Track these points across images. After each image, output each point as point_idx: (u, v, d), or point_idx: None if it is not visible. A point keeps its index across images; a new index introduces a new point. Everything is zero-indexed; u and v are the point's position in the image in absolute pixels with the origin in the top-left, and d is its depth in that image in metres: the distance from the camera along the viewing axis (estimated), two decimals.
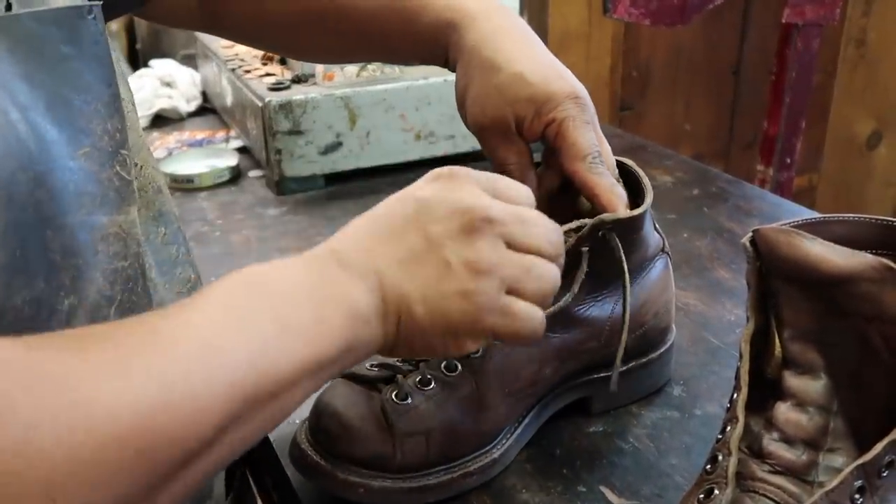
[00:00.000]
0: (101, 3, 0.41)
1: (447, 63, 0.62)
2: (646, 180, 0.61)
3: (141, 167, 0.50)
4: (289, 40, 0.71)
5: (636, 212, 0.57)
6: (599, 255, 0.57)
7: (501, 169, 0.59)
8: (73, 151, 0.40)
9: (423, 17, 0.61)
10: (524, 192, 0.49)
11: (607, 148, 0.60)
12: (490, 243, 0.45)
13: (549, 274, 0.47)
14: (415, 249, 0.44)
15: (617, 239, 0.57)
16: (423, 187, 0.47)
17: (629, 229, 0.58)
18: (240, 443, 0.37)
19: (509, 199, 0.47)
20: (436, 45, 0.61)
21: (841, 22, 1.80)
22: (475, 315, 0.45)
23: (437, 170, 0.48)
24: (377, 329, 0.42)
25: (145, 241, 0.48)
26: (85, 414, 0.30)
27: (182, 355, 0.34)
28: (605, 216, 0.56)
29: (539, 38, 0.61)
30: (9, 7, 0.41)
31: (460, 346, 0.46)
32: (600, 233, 0.56)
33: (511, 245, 0.46)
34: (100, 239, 0.42)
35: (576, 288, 0.56)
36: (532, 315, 0.47)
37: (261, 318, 0.38)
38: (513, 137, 0.59)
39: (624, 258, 0.57)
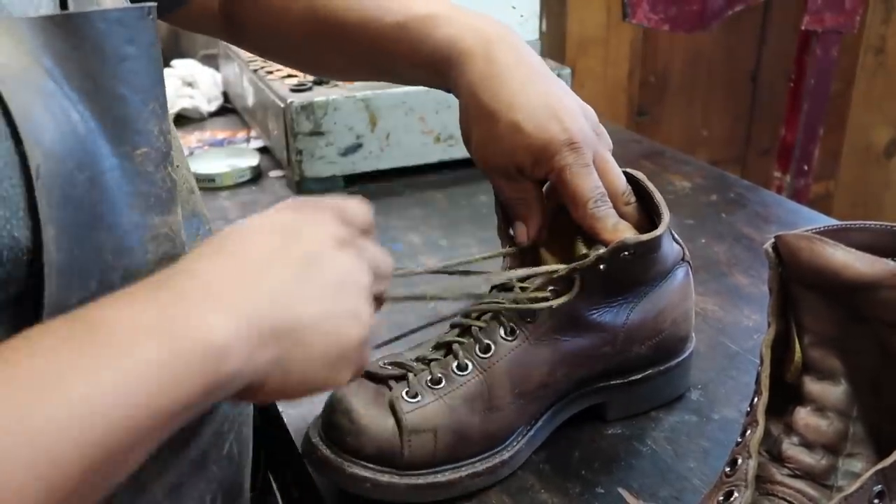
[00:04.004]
0: (156, 4, 0.41)
1: (451, 92, 0.62)
2: (659, 198, 0.60)
3: (177, 167, 0.50)
4: (301, 56, 0.72)
5: (654, 234, 0.58)
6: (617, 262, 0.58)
7: (507, 203, 0.61)
8: (130, 151, 0.40)
9: (424, 48, 0.60)
10: (365, 213, 0.46)
11: (616, 172, 0.59)
12: (359, 251, 0.43)
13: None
14: (303, 271, 0.40)
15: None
16: (275, 216, 0.43)
17: (647, 249, 0.58)
18: None
19: (355, 222, 0.45)
20: (436, 76, 0.61)
21: (860, 30, 1.80)
22: (364, 340, 0.42)
23: (285, 202, 0.44)
24: (246, 363, 0.36)
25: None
26: None
27: (13, 401, 0.29)
28: (627, 238, 0.57)
29: (540, 64, 0.60)
30: (64, 5, 0.42)
31: (338, 380, 0.41)
32: (623, 254, 0.57)
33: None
34: (150, 239, 0.42)
35: (575, 290, 0.57)
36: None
37: (100, 367, 0.31)
38: (517, 178, 0.59)
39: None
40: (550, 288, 0.58)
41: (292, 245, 0.40)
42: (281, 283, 0.39)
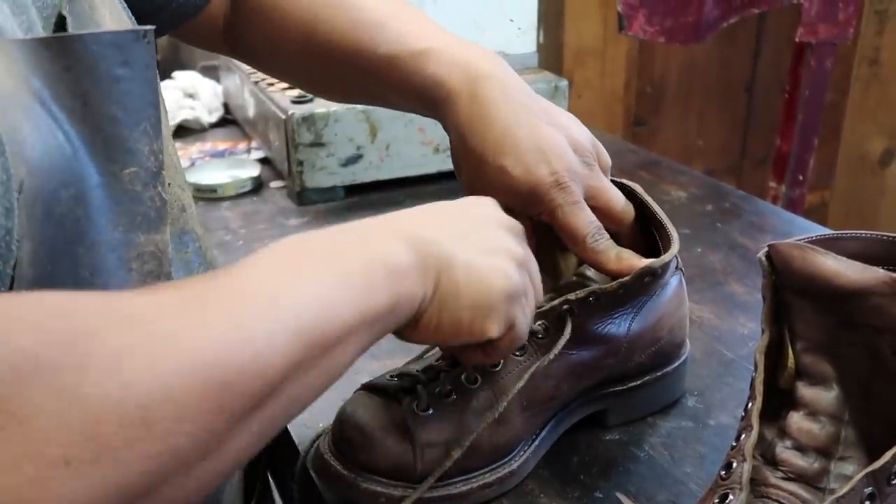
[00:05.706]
0: (153, 27, 0.42)
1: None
2: (661, 213, 0.62)
3: (169, 185, 0.51)
4: (298, 74, 0.73)
5: (672, 253, 0.60)
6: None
7: None
8: (118, 171, 0.41)
9: (414, 83, 0.61)
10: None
11: (612, 194, 0.60)
12: (526, 250, 0.51)
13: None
14: (464, 229, 0.49)
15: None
16: (472, 199, 0.54)
17: (664, 268, 0.60)
18: (299, 393, 0.38)
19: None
20: (427, 110, 0.62)
21: (854, 40, 1.81)
22: (509, 295, 0.48)
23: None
24: (417, 285, 0.45)
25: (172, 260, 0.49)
26: (170, 345, 0.31)
27: (250, 302, 0.36)
28: (652, 262, 0.58)
29: (527, 97, 0.59)
30: (61, 24, 0.43)
31: (484, 327, 0.48)
32: (645, 279, 0.59)
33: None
34: (135, 257, 0.42)
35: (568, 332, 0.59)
36: (526, 331, 0.52)
37: (315, 272, 0.40)
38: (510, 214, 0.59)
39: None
40: (566, 308, 0.58)
41: (470, 212, 0.52)
42: (446, 233, 0.47)
